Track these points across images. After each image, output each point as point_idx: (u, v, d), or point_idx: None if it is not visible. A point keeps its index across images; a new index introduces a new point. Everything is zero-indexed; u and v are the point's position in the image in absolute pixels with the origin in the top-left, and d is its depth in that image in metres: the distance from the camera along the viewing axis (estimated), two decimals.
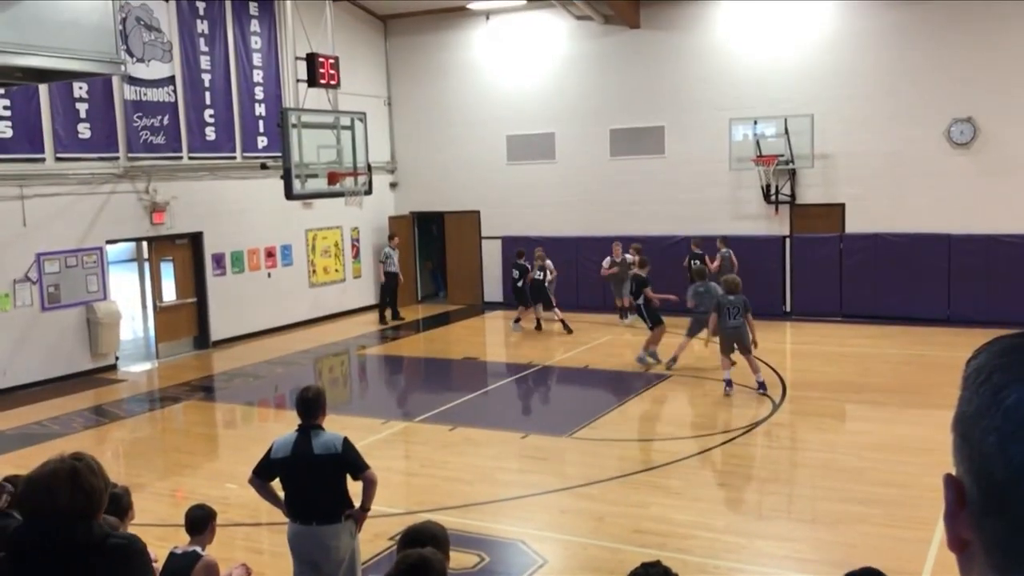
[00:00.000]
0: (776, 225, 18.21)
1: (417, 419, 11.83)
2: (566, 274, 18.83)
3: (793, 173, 17.84)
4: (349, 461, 5.81)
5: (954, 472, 0.97)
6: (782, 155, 17.48)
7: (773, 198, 17.98)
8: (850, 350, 15.02)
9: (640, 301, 14.22)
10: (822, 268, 17.65)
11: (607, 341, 16.35)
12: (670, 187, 18.99)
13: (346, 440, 5.88)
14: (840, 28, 17.42)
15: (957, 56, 16.49)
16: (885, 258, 17.13)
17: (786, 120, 17.46)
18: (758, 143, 17.72)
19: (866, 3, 17.18)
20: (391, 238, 19.68)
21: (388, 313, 19.28)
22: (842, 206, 17.75)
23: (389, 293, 19.24)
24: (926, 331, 15.88)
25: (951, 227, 16.67)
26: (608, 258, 17.94)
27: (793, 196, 18.01)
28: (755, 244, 18.00)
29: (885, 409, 11.48)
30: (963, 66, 16.44)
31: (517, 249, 18.50)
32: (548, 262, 17.62)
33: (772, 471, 9.64)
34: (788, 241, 18.13)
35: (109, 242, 15.70)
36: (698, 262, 16.00)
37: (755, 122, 17.75)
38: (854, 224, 17.62)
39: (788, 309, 18.10)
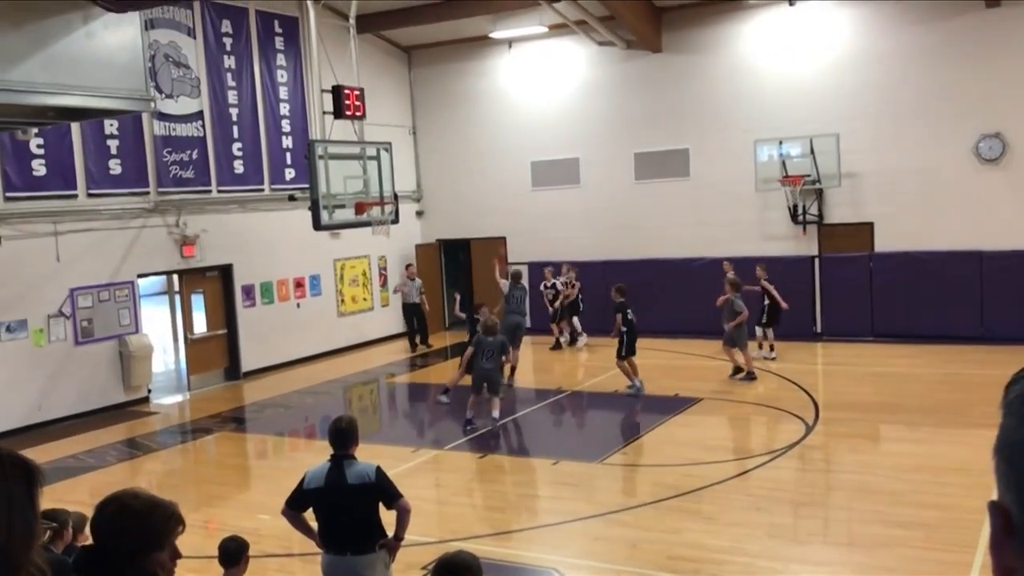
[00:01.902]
0: (804, 245, 18.09)
1: (447, 447, 11.82)
2: (593, 298, 18.79)
3: (820, 193, 17.75)
4: (383, 490, 5.81)
5: (998, 499, 0.96)
6: (808, 175, 17.40)
7: (801, 218, 17.88)
8: (883, 370, 14.85)
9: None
10: (852, 288, 17.48)
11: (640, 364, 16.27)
12: (696, 209, 18.94)
13: (379, 469, 5.88)
14: (863, 46, 17.36)
15: (984, 72, 16.37)
16: (916, 276, 16.95)
17: (811, 140, 17.39)
18: (784, 163, 17.66)
19: (889, 21, 17.12)
20: (407, 267, 19.94)
21: (418, 339, 19.59)
22: (871, 225, 17.62)
23: (411, 321, 19.64)
24: (959, 349, 15.67)
25: (982, 244, 16.48)
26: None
27: (821, 216, 17.90)
28: (784, 265, 17.88)
29: (921, 430, 11.32)
30: (990, 82, 16.31)
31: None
32: (558, 279, 18.50)
33: (807, 494, 9.52)
34: (817, 261, 18.00)
35: (140, 276, 15.89)
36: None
37: (780, 142, 17.70)
38: (883, 243, 17.47)
39: (819, 330, 17.94)
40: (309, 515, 5.96)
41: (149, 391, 15.81)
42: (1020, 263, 16.11)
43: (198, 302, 17.15)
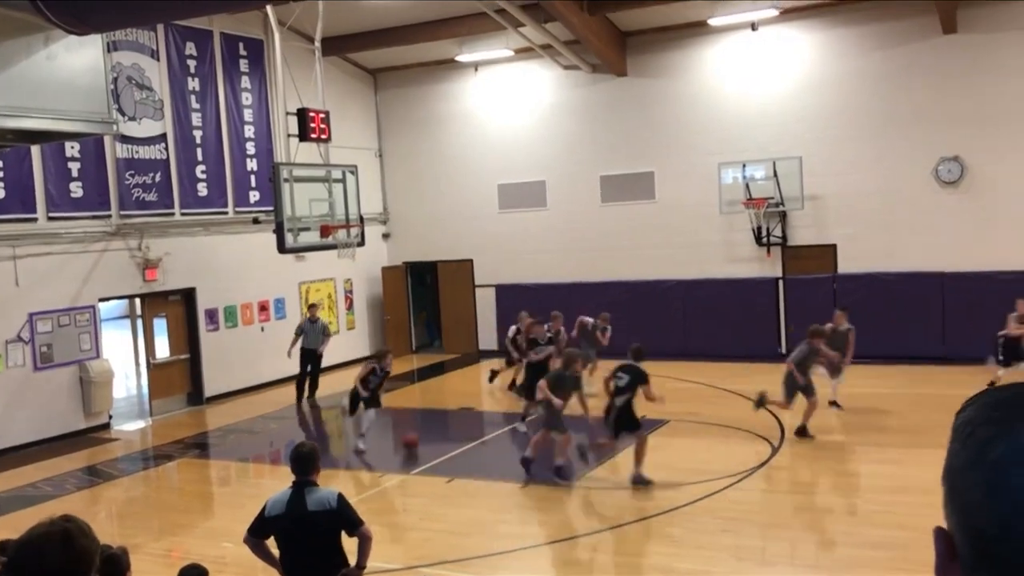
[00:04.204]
0: (769, 267, 18.26)
1: (413, 472, 11.71)
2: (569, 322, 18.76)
3: (784, 215, 17.93)
4: (344, 517, 5.74)
5: (945, 525, 0.95)
6: (772, 197, 17.59)
7: (765, 240, 18.04)
8: (848, 391, 14.95)
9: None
10: (816, 309, 17.59)
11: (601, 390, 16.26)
12: (662, 232, 19.06)
13: (340, 496, 5.81)
14: (825, 71, 17.63)
15: (942, 96, 16.68)
16: (879, 297, 17.13)
17: (775, 163, 17.59)
18: (748, 186, 17.83)
19: (850, 46, 17.41)
20: (310, 308, 17.40)
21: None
22: (834, 246, 17.82)
23: (304, 367, 16.92)
24: (924, 370, 15.85)
25: (943, 265, 16.72)
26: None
27: (784, 238, 18.08)
28: (748, 286, 18.03)
29: (888, 450, 11.39)
30: (948, 106, 16.62)
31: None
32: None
33: (775, 516, 9.53)
34: (781, 283, 18.16)
35: (102, 300, 15.65)
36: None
37: (744, 165, 17.88)
38: (846, 264, 17.67)
39: (784, 351, 18.04)
40: (272, 543, 5.86)
41: (110, 417, 15.54)
42: (980, 284, 16.34)
43: (160, 326, 16.91)
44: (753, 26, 17.90)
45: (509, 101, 20.49)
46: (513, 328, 15.70)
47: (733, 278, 18.18)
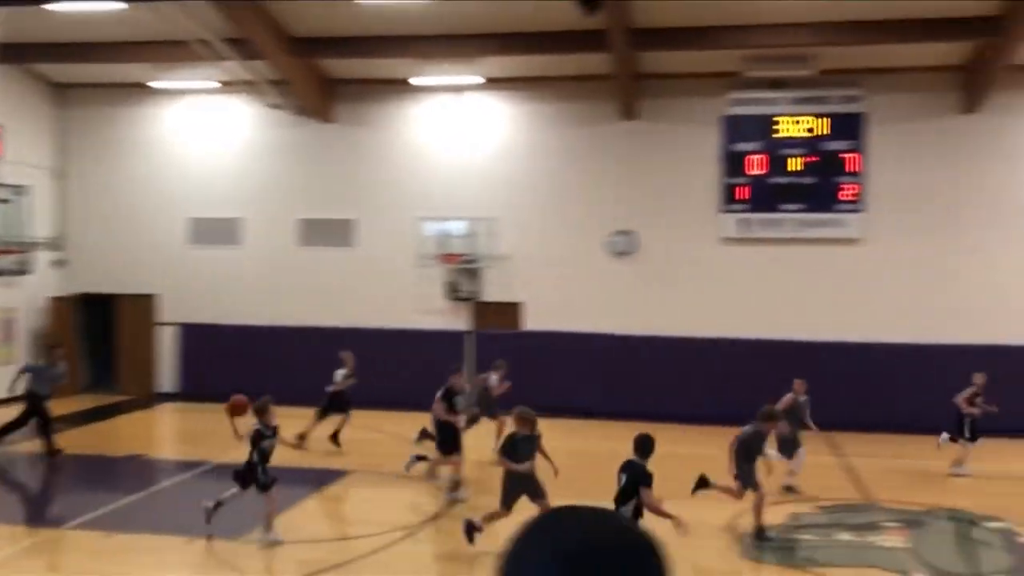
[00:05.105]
0: (459, 321, 18.87)
1: (67, 525, 10.71)
2: (256, 364, 18.18)
3: (475, 272, 18.67)
4: None
5: None
6: (465, 254, 18.28)
7: (456, 295, 18.66)
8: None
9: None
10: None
11: (292, 435, 15.88)
12: (360, 279, 19.13)
13: None
14: (521, 140, 18.71)
15: (619, 175, 18.30)
16: (560, 354, 18.25)
17: (470, 222, 18.33)
18: (444, 242, 18.41)
19: (543, 120, 18.62)
20: (53, 349, 15.41)
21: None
22: (520, 304, 18.79)
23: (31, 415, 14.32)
24: (588, 424, 16.96)
25: (614, 327, 18.12)
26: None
27: (475, 293, 18.80)
28: (438, 339, 18.49)
29: (559, 500, 12.01)
30: (624, 184, 18.25)
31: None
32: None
33: (450, 566, 9.72)
34: (470, 336, 18.81)
35: None
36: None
37: (442, 222, 18.46)
38: (532, 322, 18.67)
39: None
40: None
41: None
42: (648, 344, 17.88)
43: None
44: (457, 89, 18.66)
45: (209, 133, 19.75)
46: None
47: (424, 329, 18.59)
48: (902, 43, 15.98)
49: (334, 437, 14.56)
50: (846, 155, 17.59)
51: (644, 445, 8.31)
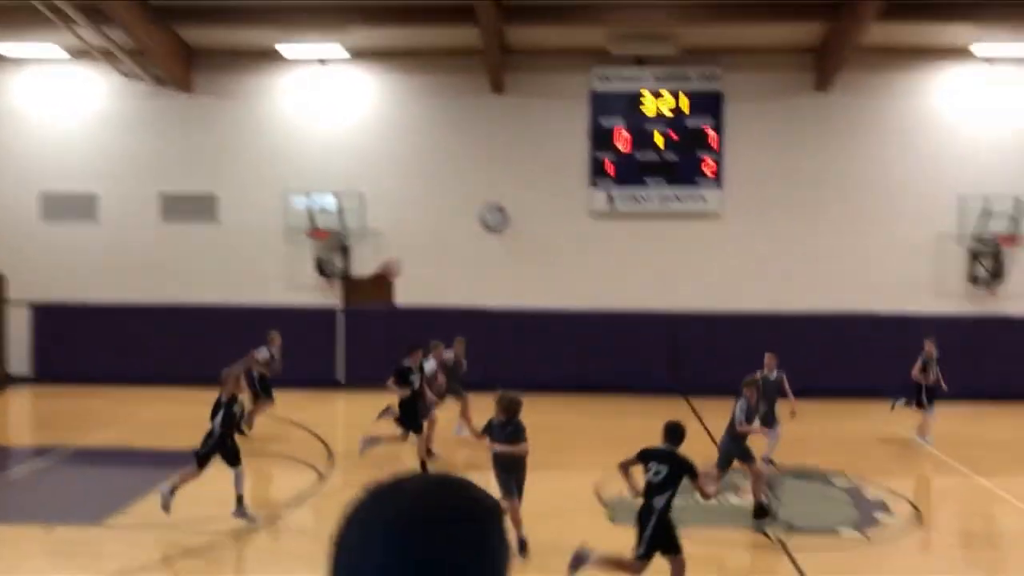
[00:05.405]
0: (329, 297, 18.64)
1: None
2: (117, 345, 17.53)
3: (346, 247, 18.46)
4: None
5: None
6: (335, 229, 18.05)
7: (326, 270, 18.42)
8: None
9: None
10: (374, 338, 18.33)
11: (153, 417, 15.44)
12: (225, 255, 18.64)
13: None
14: (388, 113, 18.54)
15: (489, 150, 18.40)
16: (432, 329, 18.24)
17: (339, 196, 18.10)
18: (313, 217, 18.12)
19: (410, 93, 18.50)
20: None
21: None
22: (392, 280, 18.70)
23: None
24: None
25: (486, 301, 18.27)
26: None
27: (346, 269, 18.60)
28: (308, 316, 18.24)
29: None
30: (494, 160, 18.36)
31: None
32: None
33: (323, 543, 9.66)
34: (341, 313, 18.63)
35: None
36: None
37: (310, 195, 18.16)
38: (404, 296, 18.62)
39: (342, 379, 18.51)
40: None
41: None
42: (520, 317, 18.12)
43: None
44: (323, 61, 18.32)
45: (61, 104, 18.79)
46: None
47: (293, 306, 18.30)
48: (756, 24, 16.61)
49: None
50: (706, 132, 18.21)
51: (676, 433, 7.65)
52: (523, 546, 8.74)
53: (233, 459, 9.90)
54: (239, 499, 9.79)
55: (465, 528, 1.22)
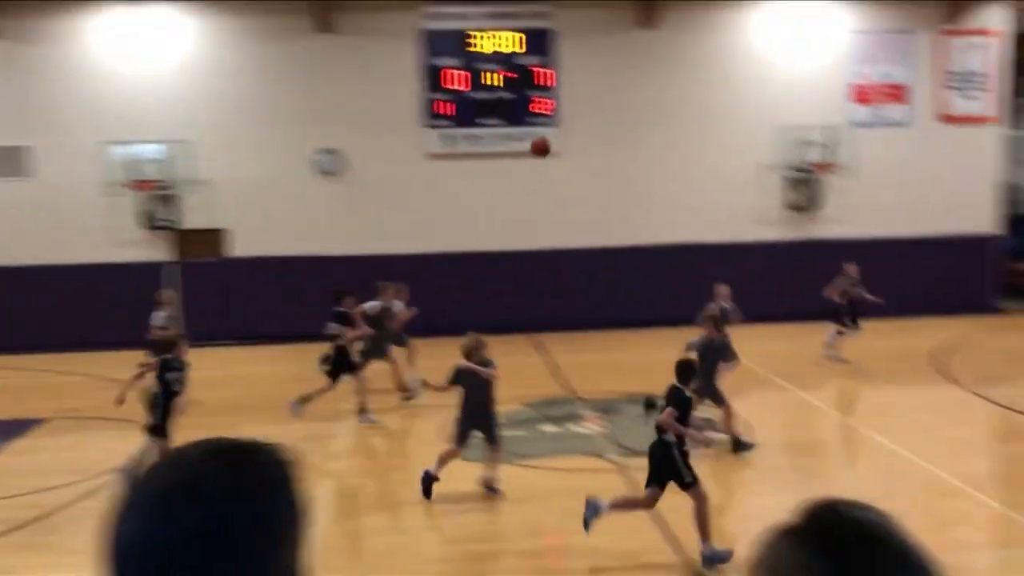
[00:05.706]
0: (158, 251, 17.85)
1: None
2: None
3: (173, 198, 17.66)
4: None
5: None
6: (160, 180, 17.24)
7: (153, 224, 17.60)
8: (246, 371, 15.33)
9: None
10: (210, 293, 17.73)
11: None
12: (40, 212, 17.51)
13: None
14: (212, 56, 17.72)
15: (320, 92, 17.88)
16: (267, 280, 17.84)
17: (163, 145, 17.25)
18: (135, 168, 17.23)
19: (232, 35, 17.73)
20: None
21: None
22: (224, 231, 18.07)
23: None
24: (306, 348, 16.82)
25: (323, 249, 17.93)
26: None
27: (176, 221, 17.82)
28: (136, 271, 17.42)
29: (271, 427, 11.84)
30: (326, 101, 17.87)
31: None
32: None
33: None
34: (171, 267, 17.87)
35: None
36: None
37: (131, 146, 17.23)
38: (239, 248, 18.04)
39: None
40: None
41: None
42: (358, 263, 17.85)
43: None
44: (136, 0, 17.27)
45: None
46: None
47: (115, 262, 17.43)
48: None
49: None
50: (539, 70, 18.31)
51: (686, 370, 7.74)
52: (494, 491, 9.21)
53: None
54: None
55: (241, 497, 1.19)
